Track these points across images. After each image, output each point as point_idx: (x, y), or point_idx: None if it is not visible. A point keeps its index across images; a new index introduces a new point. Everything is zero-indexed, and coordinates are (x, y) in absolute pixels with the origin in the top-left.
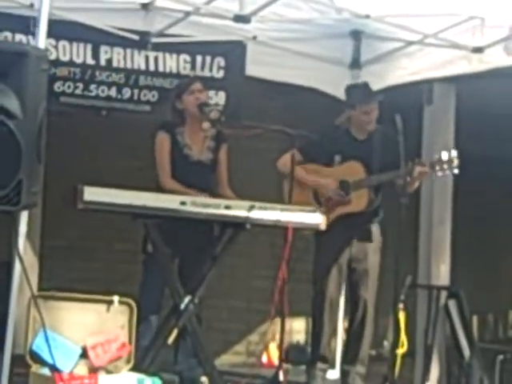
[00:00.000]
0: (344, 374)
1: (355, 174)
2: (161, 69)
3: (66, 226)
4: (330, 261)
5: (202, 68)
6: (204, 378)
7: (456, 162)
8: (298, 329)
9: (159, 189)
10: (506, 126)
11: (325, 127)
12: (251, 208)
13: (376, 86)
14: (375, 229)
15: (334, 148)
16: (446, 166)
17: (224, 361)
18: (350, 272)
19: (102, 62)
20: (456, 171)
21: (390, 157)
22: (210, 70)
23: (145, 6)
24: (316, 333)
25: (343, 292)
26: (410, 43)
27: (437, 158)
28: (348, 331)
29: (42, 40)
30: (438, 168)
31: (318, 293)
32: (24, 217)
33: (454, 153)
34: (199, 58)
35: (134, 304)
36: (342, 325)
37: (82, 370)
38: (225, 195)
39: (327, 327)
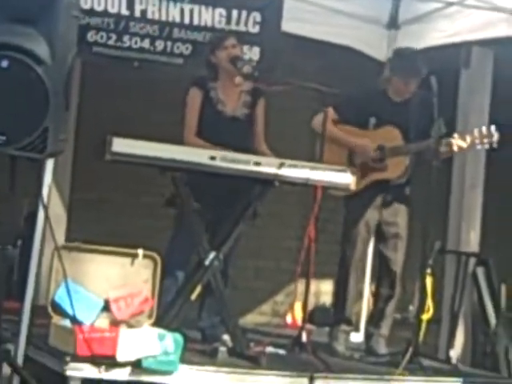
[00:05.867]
0: (368, 336)
1: (392, 139)
2: (195, 22)
3: (96, 178)
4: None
5: (238, 22)
6: (226, 337)
7: (496, 136)
8: (324, 290)
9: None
10: None
11: (361, 87)
12: (281, 165)
13: (414, 46)
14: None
15: (369, 109)
16: (485, 140)
17: (249, 320)
18: (381, 235)
19: (137, 13)
20: (495, 146)
21: (428, 122)
22: (246, 24)
23: None
24: (341, 295)
25: (370, 256)
26: (450, 4)
27: (477, 132)
28: (376, 294)
29: None
30: (477, 142)
31: (345, 254)
32: (50, 165)
33: (494, 128)
34: (235, 13)
35: (158, 258)
36: (368, 288)
37: (103, 322)
38: (260, 151)
39: (352, 289)
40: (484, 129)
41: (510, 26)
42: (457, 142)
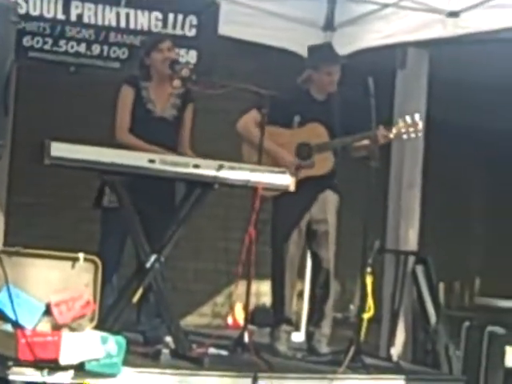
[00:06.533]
0: (309, 336)
1: (318, 136)
2: (132, 26)
3: (34, 182)
4: (291, 225)
5: (174, 26)
6: (168, 338)
7: (420, 125)
8: (264, 291)
9: (115, 143)
10: (478, 93)
11: (286, 87)
12: (220, 167)
13: (349, 48)
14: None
15: (293, 108)
16: (411, 129)
17: (189, 322)
18: (311, 234)
19: (73, 18)
20: (420, 135)
21: (350, 120)
22: (182, 28)
23: None
24: (278, 295)
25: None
26: (385, 6)
27: (401, 121)
28: (312, 293)
29: None
30: (403, 131)
31: (277, 256)
32: None
33: (418, 116)
34: (171, 16)
35: (99, 262)
36: (308, 286)
37: (45, 327)
38: (185, 155)
39: (289, 289)
40: (408, 118)
41: (444, 26)
42: (382, 134)
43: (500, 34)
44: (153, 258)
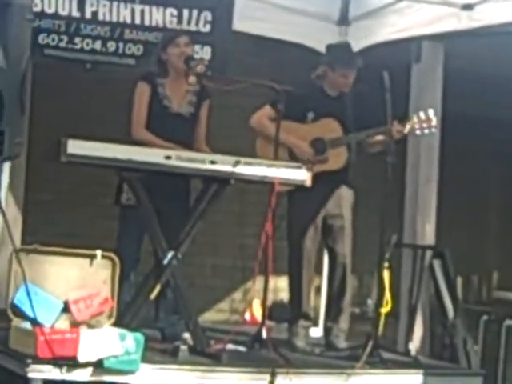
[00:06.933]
0: (327, 331)
1: (331, 131)
2: (147, 22)
3: (51, 179)
4: (307, 221)
5: (189, 22)
6: (187, 335)
7: (434, 121)
8: (282, 286)
9: (131, 139)
10: (493, 86)
11: (300, 83)
12: (236, 163)
13: (364, 42)
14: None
15: (307, 104)
16: (424, 125)
17: (207, 318)
18: (327, 229)
19: (88, 15)
20: (434, 130)
21: (365, 115)
22: (197, 24)
23: None
24: (296, 291)
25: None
26: None
27: (414, 117)
28: (329, 288)
29: None
30: (417, 127)
31: (294, 252)
32: (6, 168)
33: (432, 112)
34: (186, 12)
35: (116, 259)
36: (326, 282)
37: (63, 324)
38: (201, 152)
39: (306, 285)
40: (422, 114)
41: (459, 19)
42: (396, 129)
43: None
44: (170, 254)
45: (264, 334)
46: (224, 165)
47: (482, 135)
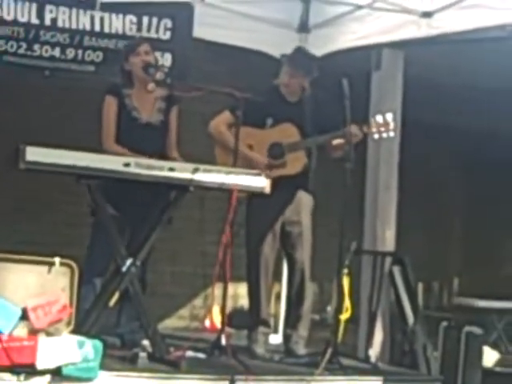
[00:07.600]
0: (286, 337)
1: (289, 136)
2: (106, 29)
3: (11, 187)
4: (265, 228)
5: (149, 29)
6: (146, 342)
7: (392, 124)
8: (242, 293)
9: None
10: (453, 94)
11: (259, 89)
12: (195, 170)
13: (324, 50)
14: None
15: (266, 111)
16: (382, 129)
17: (167, 325)
18: (285, 236)
19: (47, 22)
20: (392, 134)
21: (324, 121)
22: (157, 31)
23: None
24: (254, 298)
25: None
26: (359, 7)
27: (372, 121)
28: (288, 295)
29: None
30: (374, 130)
31: (252, 259)
32: None
33: (390, 116)
34: (145, 19)
35: (75, 266)
36: (285, 289)
37: (21, 331)
38: (172, 158)
39: (265, 292)
40: (380, 118)
41: (419, 27)
42: (353, 132)
43: (473, 34)
44: (129, 261)
45: (223, 341)
46: (183, 172)
47: (442, 141)
